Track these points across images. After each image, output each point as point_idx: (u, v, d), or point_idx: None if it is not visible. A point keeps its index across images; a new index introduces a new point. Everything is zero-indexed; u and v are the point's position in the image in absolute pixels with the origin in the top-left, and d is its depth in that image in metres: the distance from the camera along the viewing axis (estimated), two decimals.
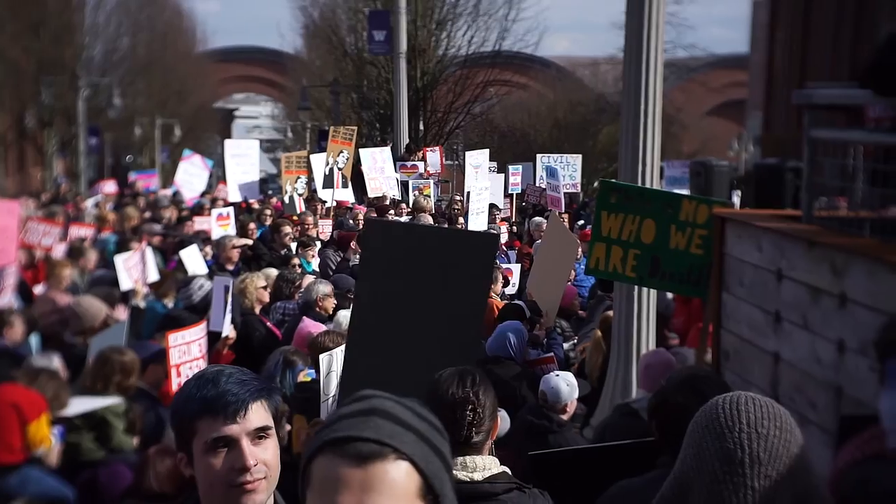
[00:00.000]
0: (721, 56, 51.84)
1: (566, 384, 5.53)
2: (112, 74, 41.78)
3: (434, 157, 17.55)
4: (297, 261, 9.93)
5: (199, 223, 13.80)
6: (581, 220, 13.99)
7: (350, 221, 13.38)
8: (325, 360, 4.69)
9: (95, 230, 13.33)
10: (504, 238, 13.01)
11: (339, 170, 15.09)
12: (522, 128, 35.12)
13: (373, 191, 15.73)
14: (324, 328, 6.42)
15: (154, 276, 9.33)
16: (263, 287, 8.13)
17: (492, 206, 13.80)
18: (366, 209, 14.21)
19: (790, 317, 4.62)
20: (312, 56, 38.02)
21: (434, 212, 14.11)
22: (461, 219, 12.73)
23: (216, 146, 45.14)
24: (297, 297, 8.21)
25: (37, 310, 7.47)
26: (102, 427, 5.07)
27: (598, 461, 4.01)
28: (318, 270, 10.22)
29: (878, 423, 2.79)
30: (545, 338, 7.48)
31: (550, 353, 7.11)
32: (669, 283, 5.78)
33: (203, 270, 9.76)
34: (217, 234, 11.92)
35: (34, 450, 4.59)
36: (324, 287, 7.76)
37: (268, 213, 13.70)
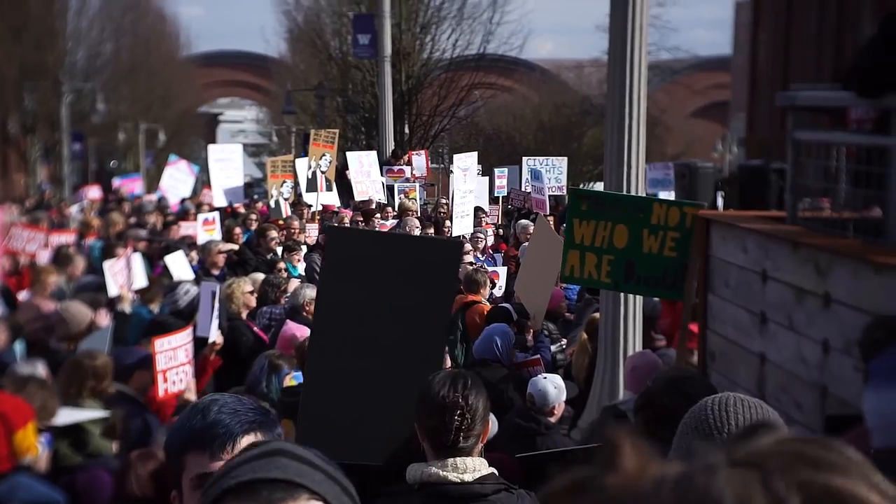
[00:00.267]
0: (705, 58, 52.05)
1: (553, 387, 5.55)
2: (95, 79, 41.67)
3: (420, 161, 17.55)
4: (283, 265, 9.92)
5: (185, 228, 13.75)
6: None
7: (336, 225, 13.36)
8: None
9: (77, 235, 13.25)
10: (490, 241, 13.02)
11: (322, 173, 15.04)
12: (507, 130, 35.14)
13: (359, 194, 15.72)
14: (308, 332, 6.41)
15: (141, 282, 9.29)
16: (250, 292, 8.13)
17: (478, 209, 13.81)
18: (352, 213, 14.20)
19: (775, 317, 4.65)
20: (297, 60, 37.91)
21: (420, 215, 14.10)
22: (448, 222, 12.72)
23: (201, 151, 44.96)
24: (284, 302, 8.20)
25: (21, 316, 7.42)
26: (78, 432, 5.04)
27: (585, 462, 4.02)
28: (305, 275, 10.20)
29: (863, 423, 2.82)
30: (532, 340, 7.49)
31: (537, 356, 7.12)
32: (645, 288, 5.81)
33: (189, 276, 9.73)
34: (203, 239, 11.88)
35: (21, 458, 4.55)
36: (310, 291, 7.75)
37: (253, 218, 13.67)
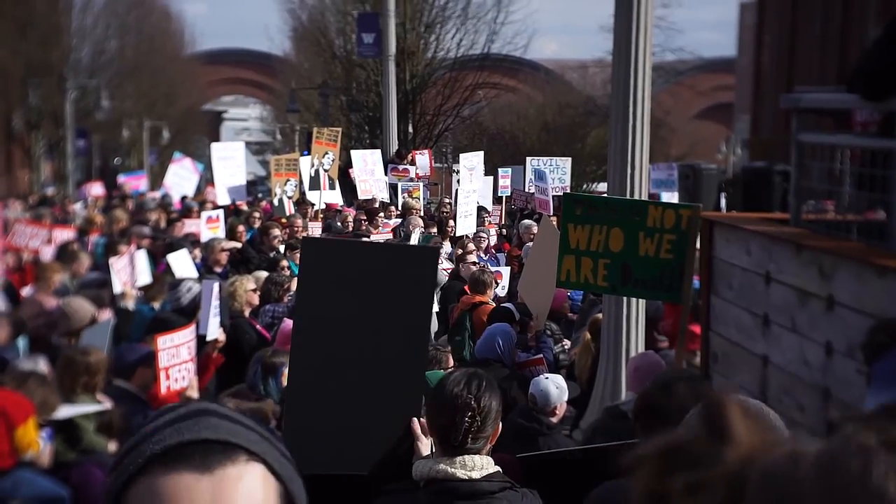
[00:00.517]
0: (709, 59, 52.05)
1: (556, 387, 5.54)
2: (100, 77, 41.72)
3: (423, 160, 17.54)
4: (286, 263, 9.91)
5: (189, 225, 13.76)
6: None
7: (339, 224, 13.36)
8: None
9: (77, 232, 13.25)
10: (493, 241, 13.02)
11: (325, 171, 15.05)
12: (511, 130, 35.12)
13: (363, 193, 15.72)
14: None
15: (145, 279, 9.29)
16: (253, 290, 8.13)
17: (481, 209, 13.81)
18: (355, 212, 14.20)
19: (778, 320, 4.64)
20: (301, 59, 37.96)
21: (423, 214, 14.10)
22: (451, 221, 12.72)
23: (205, 148, 45.02)
24: (286, 300, 8.20)
25: (24, 312, 7.43)
26: (71, 429, 5.03)
27: (587, 463, 4.01)
28: None
29: None
30: (534, 340, 7.49)
31: (539, 356, 7.12)
32: (642, 290, 5.80)
33: (192, 273, 9.73)
34: (206, 237, 11.89)
35: (22, 454, 4.55)
36: None
37: (256, 216, 13.67)
